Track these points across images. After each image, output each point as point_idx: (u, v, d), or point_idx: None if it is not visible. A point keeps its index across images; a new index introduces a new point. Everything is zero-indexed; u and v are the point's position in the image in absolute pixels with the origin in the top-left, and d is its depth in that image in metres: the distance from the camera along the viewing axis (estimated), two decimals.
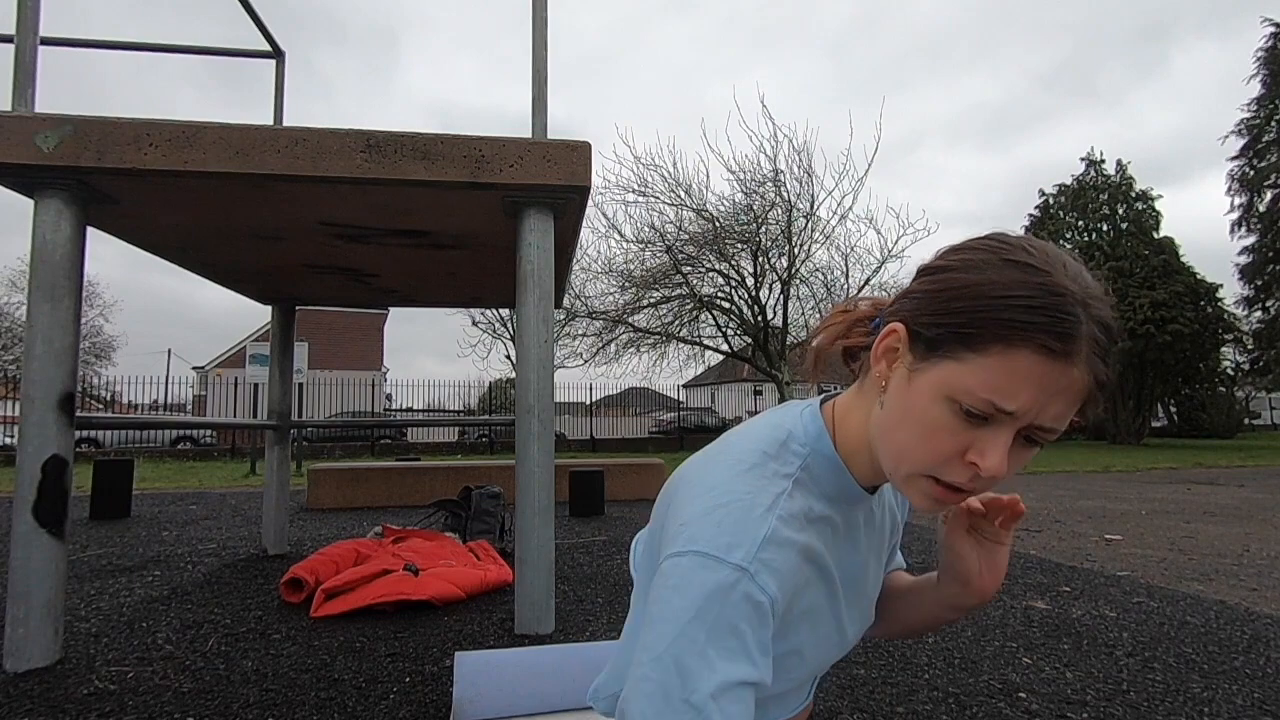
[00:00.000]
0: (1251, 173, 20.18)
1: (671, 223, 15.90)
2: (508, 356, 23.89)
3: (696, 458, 0.70)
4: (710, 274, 16.51)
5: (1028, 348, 0.52)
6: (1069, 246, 21.65)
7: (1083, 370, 0.53)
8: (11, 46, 2.32)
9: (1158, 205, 21.49)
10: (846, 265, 16.79)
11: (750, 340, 17.19)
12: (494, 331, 23.96)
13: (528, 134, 2.48)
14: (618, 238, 16.37)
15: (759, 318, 16.25)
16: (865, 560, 0.72)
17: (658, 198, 15.76)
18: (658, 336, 17.18)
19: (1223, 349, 21.72)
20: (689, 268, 16.16)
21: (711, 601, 0.54)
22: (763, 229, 15.71)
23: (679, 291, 16.45)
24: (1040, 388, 0.53)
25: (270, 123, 3.87)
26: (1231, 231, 21.01)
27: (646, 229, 15.93)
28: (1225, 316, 20.45)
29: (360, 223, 2.81)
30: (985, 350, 0.53)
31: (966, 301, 0.55)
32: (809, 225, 15.60)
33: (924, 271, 0.62)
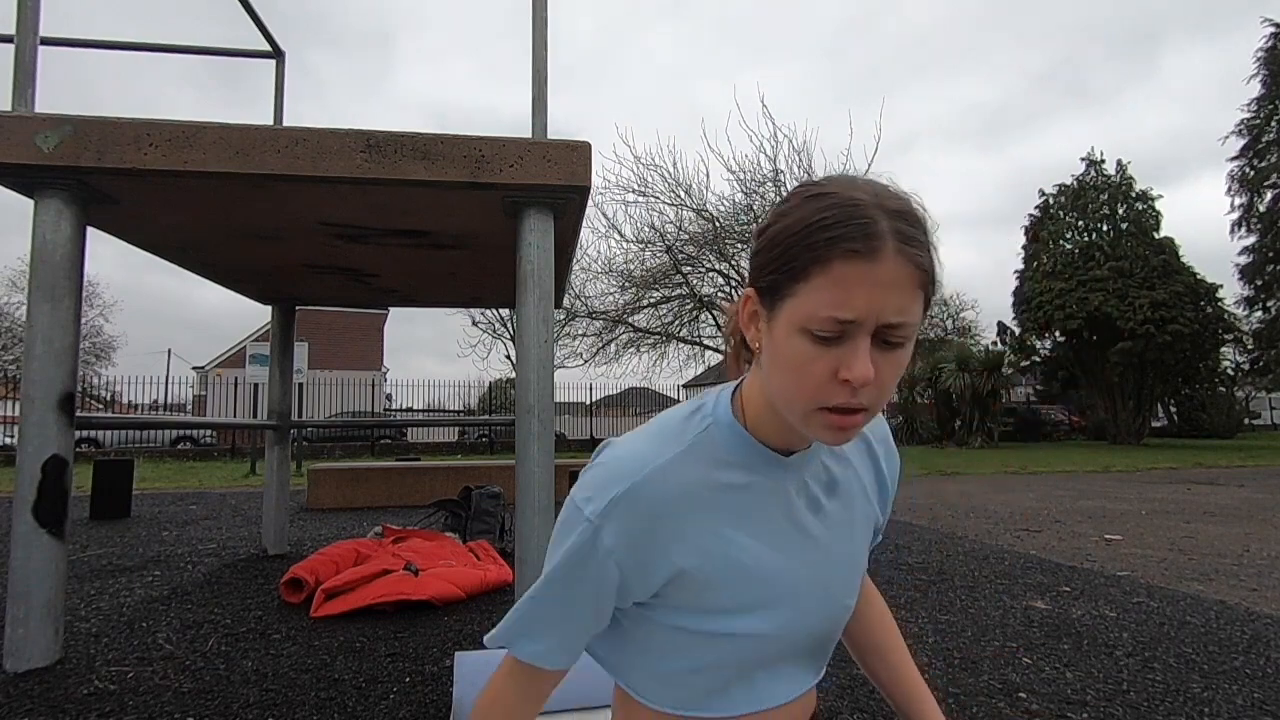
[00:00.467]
0: (1251, 173, 20.12)
1: (671, 223, 15.92)
2: (508, 356, 23.89)
3: None
4: (710, 274, 16.51)
5: (838, 258, 0.57)
6: (1069, 246, 21.85)
7: (897, 260, 0.57)
8: (11, 46, 2.32)
9: (1158, 205, 21.49)
10: None
11: None
12: (494, 331, 23.96)
13: (525, 135, 2.48)
14: (618, 238, 16.44)
15: None
16: (814, 529, 0.72)
17: (658, 198, 15.78)
18: (658, 336, 17.17)
19: (1223, 349, 21.66)
20: (689, 268, 16.16)
21: (564, 541, 0.66)
22: None
23: (679, 291, 16.45)
24: (867, 288, 0.57)
25: (270, 123, 3.87)
26: (1231, 231, 20.97)
27: (646, 229, 15.95)
28: (1225, 316, 20.40)
29: (360, 223, 2.81)
30: (809, 276, 0.58)
31: (783, 243, 0.60)
32: None
33: (755, 235, 0.66)
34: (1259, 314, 20.58)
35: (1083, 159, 23.16)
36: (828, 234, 0.57)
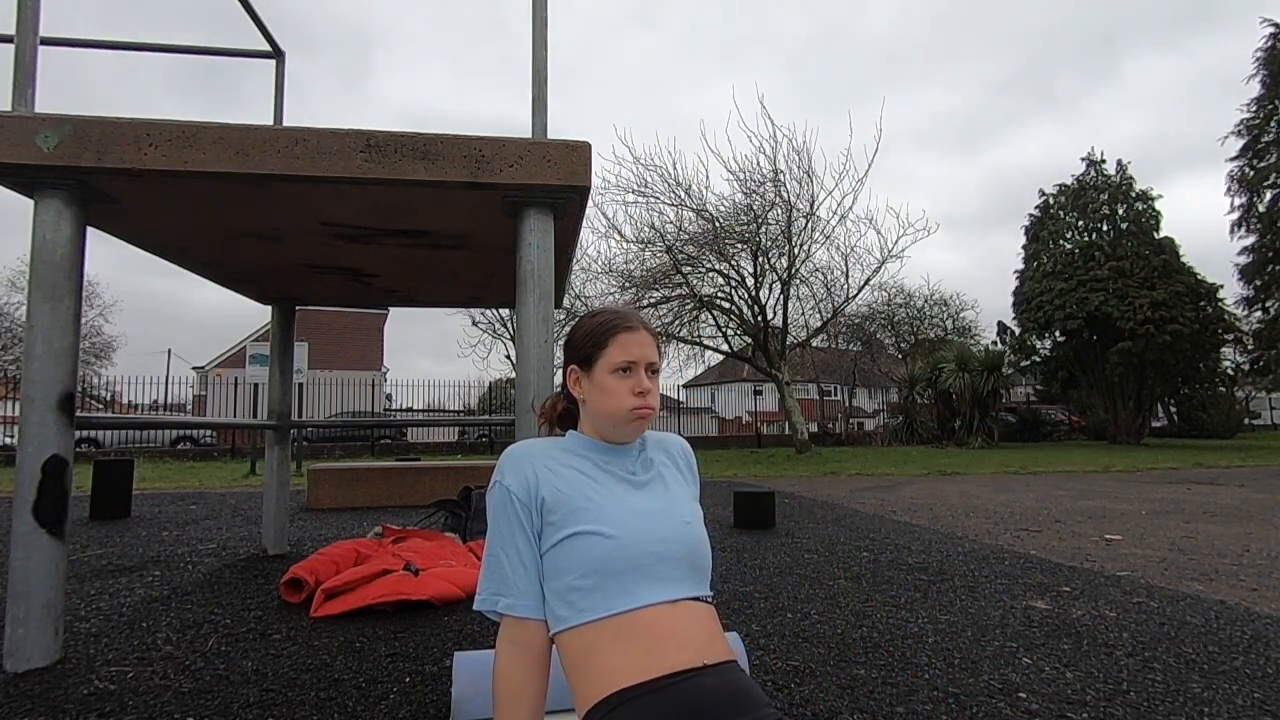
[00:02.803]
0: (1251, 173, 20.09)
1: (671, 223, 15.89)
2: (508, 356, 23.87)
3: None
4: (710, 274, 16.46)
5: (621, 332, 1.16)
6: (1069, 246, 21.80)
7: (645, 332, 1.17)
8: (11, 46, 2.32)
9: (1158, 205, 21.45)
10: (846, 265, 16.80)
11: (750, 340, 17.16)
12: (494, 331, 23.94)
13: (524, 135, 2.48)
14: (618, 238, 16.35)
15: (759, 318, 16.19)
16: (630, 485, 1.14)
17: (658, 198, 15.76)
18: (657, 336, 17.11)
19: (1223, 349, 21.62)
20: (689, 268, 16.13)
21: (491, 505, 1.12)
22: (763, 229, 15.68)
23: (679, 292, 16.40)
24: (637, 345, 1.16)
25: (270, 123, 3.86)
26: (1231, 232, 20.92)
27: (646, 229, 15.92)
28: (1225, 316, 20.36)
29: (360, 223, 2.81)
30: (607, 344, 1.15)
31: (590, 334, 1.18)
32: (809, 225, 15.58)
33: (567, 340, 1.22)
34: (1259, 314, 20.54)
35: (1083, 159, 23.15)
36: (613, 323, 1.16)
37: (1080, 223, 22.12)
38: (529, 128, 2.48)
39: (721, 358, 19.81)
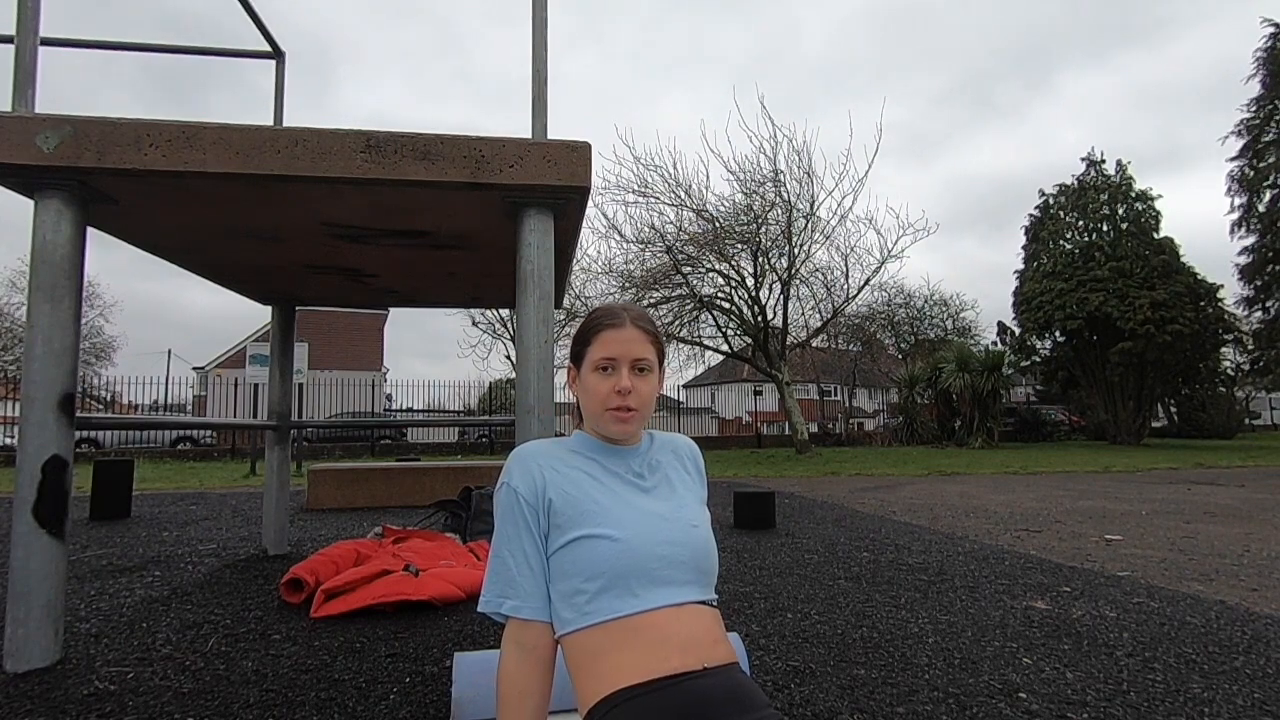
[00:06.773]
0: (1251, 173, 20.08)
1: (671, 223, 15.89)
2: (508, 356, 23.86)
3: None
4: (710, 274, 16.46)
5: (604, 329, 1.12)
6: (1069, 247, 21.80)
7: (633, 328, 1.13)
8: (11, 46, 2.32)
9: (1158, 205, 21.46)
10: (846, 265, 16.80)
11: (750, 340, 17.15)
12: (494, 331, 23.94)
13: (525, 136, 2.48)
14: (618, 238, 16.34)
15: (759, 318, 16.18)
16: (637, 486, 1.13)
17: (658, 198, 15.75)
18: None
19: (1223, 349, 21.64)
20: (689, 268, 16.12)
21: (498, 505, 1.10)
22: (763, 229, 15.68)
23: (679, 292, 16.39)
24: (619, 342, 1.11)
25: (271, 123, 3.86)
26: (1231, 232, 20.91)
27: (646, 229, 15.91)
28: (1225, 316, 20.38)
29: (360, 223, 2.81)
30: (591, 342, 1.13)
31: (579, 333, 1.16)
32: (809, 225, 15.58)
33: (572, 337, 1.19)
34: (1259, 314, 20.53)
35: (1083, 159, 23.15)
36: (598, 320, 1.14)
37: (1080, 223, 22.12)
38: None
39: (721, 358, 19.80)
